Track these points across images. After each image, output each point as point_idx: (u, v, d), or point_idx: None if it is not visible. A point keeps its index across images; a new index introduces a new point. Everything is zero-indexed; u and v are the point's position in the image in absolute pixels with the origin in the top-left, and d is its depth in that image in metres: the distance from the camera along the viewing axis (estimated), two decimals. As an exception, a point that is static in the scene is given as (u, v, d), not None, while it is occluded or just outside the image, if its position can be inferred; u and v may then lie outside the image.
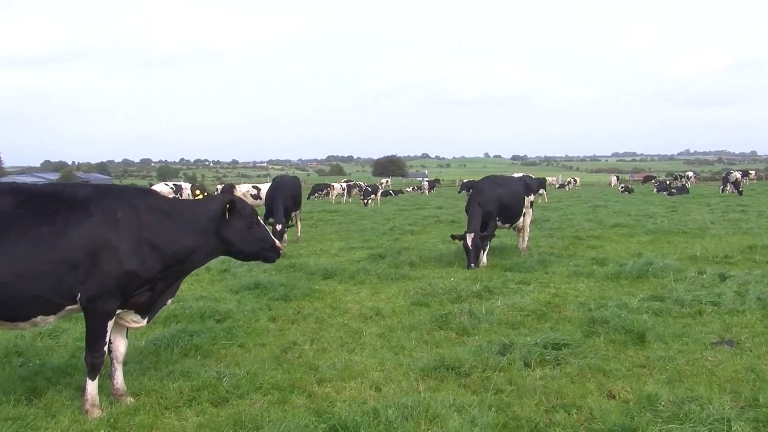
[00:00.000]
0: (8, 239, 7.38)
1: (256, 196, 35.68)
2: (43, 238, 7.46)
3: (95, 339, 7.79)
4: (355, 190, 67.15)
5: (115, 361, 8.27)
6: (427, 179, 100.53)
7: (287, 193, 23.89)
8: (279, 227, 22.18)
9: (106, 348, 7.90)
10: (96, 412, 7.68)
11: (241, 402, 7.88)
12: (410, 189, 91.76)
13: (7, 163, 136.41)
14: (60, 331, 10.97)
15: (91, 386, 7.83)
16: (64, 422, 7.46)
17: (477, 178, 26.66)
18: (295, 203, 24.70)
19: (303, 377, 8.73)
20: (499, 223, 18.61)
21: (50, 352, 10.18)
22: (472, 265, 17.09)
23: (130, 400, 8.10)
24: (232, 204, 8.31)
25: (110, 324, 7.84)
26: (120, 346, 8.29)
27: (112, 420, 7.48)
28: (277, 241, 8.74)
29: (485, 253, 17.93)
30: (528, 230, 20.25)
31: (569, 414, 7.41)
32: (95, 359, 7.80)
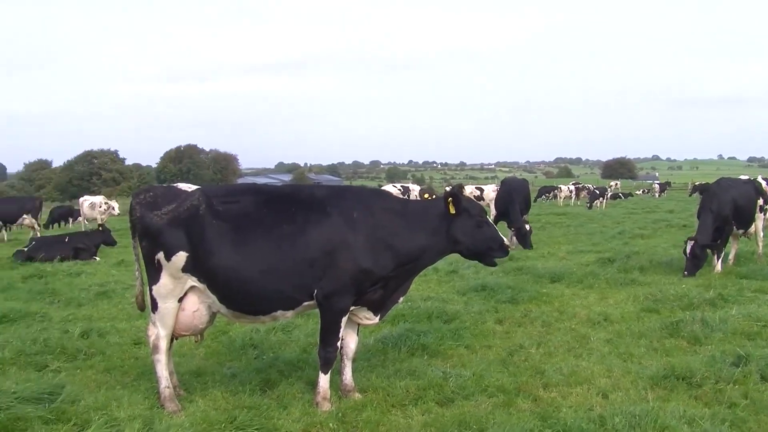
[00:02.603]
0: (253, 238, 7.86)
1: (479, 198, 35.80)
2: (285, 237, 7.88)
3: (329, 334, 8.07)
4: (584, 193, 66.01)
5: (345, 357, 8.52)
6: (657, 182, 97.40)
7: (521, 196, 23.90)
8: (528, 227, 22.48)
9: (339, 343, 8.17)
10: (326, 406, 7.94)
11: (467, 403, 7.92)
12: (640, 192, 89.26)
13: (244, 165, 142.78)
14: (293, 326, 11.38)
15: (324, 380, 8.09)
16: (295, 413, 7.75)
17: (710, 181, 25.62)
18: (526, 206, 24.63)
19: (529, 381, 8.67)
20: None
21: (283, 346, 10.59)
22: (685, 273, 16.36)
23: (357, 396, 8.32)
24: (455, 198, 8.36)
25: (344, 320, 8.11)
26: (351, 342, 8.53)
27: (340, 414, 7.70)
28: (506, 241, 8.71)
29: (719, 259, 17.13)
30: (761, 235, 19.19)
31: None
32: (328, 354, 8.08)
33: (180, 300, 8.12)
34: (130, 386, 8.87)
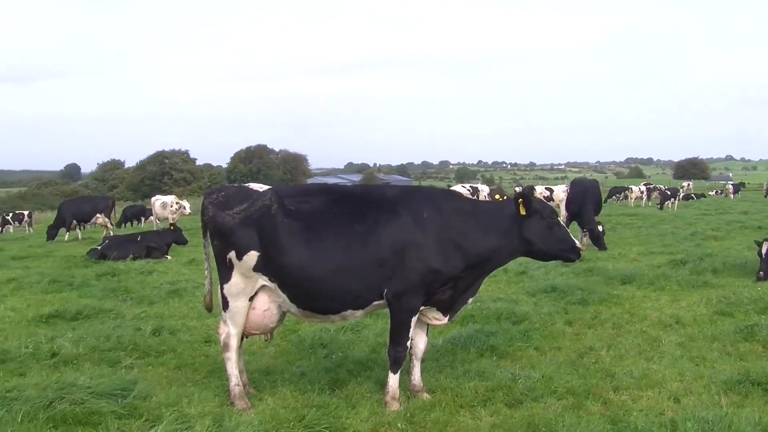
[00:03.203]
0: (323, 237, 7.93)
1: (549, 198, 35.61)
2: (356, 236, 7.94)
3: (399, 334, 8.09)
4: (655, 194, 65.06)
5: (414, 357, 8.53)
6: (731, 182, 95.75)
7: (593, 196, 23.71)
8: (601, 229, 22.27)
9: (408, 343, 8.18)
10: (395, 405, 7.95)
11: (536, 405, 7.87)
12: (713, 192, 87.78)
13: (313, 165, 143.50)
14: (362, 326, 11.41)
15: (393, 379, 8.12)
16: (363, 413, 7.78)
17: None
18: (597, 206, 24.40)
19: (599, 383, 8.58)
20: None
21: (352, 345, 10.63)
22: (761, 273, 15.98)
23: (426, 396, 8.32)
24: (526, 199, 8.31)
25: (414, 320, 8.12)
26: (420, 342, 8.53)
27: (408, 414, 7.70)
28: (577, 242, 8.64)
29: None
30: None
31: None
32: (398, 353, 8.10)
33: (251, 299, 8.21)
34: (201, 383, 9.00)
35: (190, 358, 10.31)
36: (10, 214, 54.39)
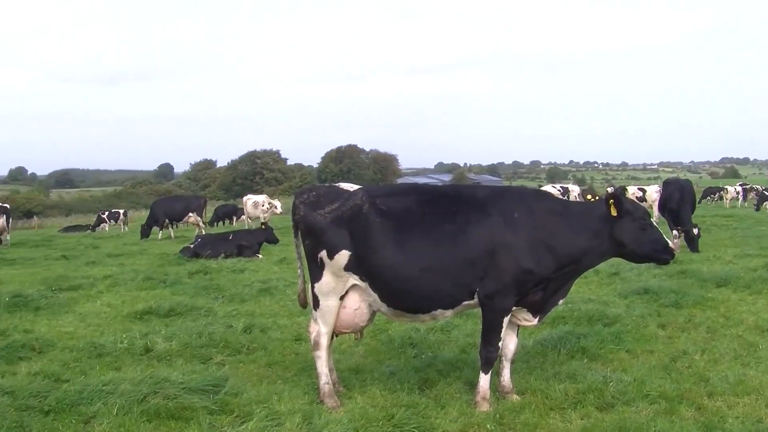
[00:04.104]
0: (414, 236, 7.97)
1: (641, 199, 35.06)
2: (446, 236, 7.95)
3: (491, 334, 8.08)
4: (752, 194, 63.54)
5: (504, 358, 8.49)
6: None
7: (690, 197, 23.32)
8: (696, 231, 21.87)
9: (500, 344, 8.15)
10: (485, 406, 7.93)
11: (627, 409, 7.75)
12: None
13: (404, 165, 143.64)
14: (452, 326, 11.37)
15: (484, 380, 8.10)
16: (452, 413, 7.77)
17: None
18: (693, 208, 23.96)
19: (692, 388, 8.41)
20: None
21: (442, 345, 10.61)
22: None
23: (516, 397, 8.28)
24: (617, 200, 8.20)
25: (506, 320, 8.10)
26: (510, 344, 8.49)
27: (498, 416, 7.68)
28: (671, 243, 8.50)
29: None
30: None
31: None
32: (490, 354, 8.09)
33: (341, 298, 8.27)
34: (291, 381, 9.08)
35: (281, 355, 10.42)
36: (106, 213, 55.81)
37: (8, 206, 36.59)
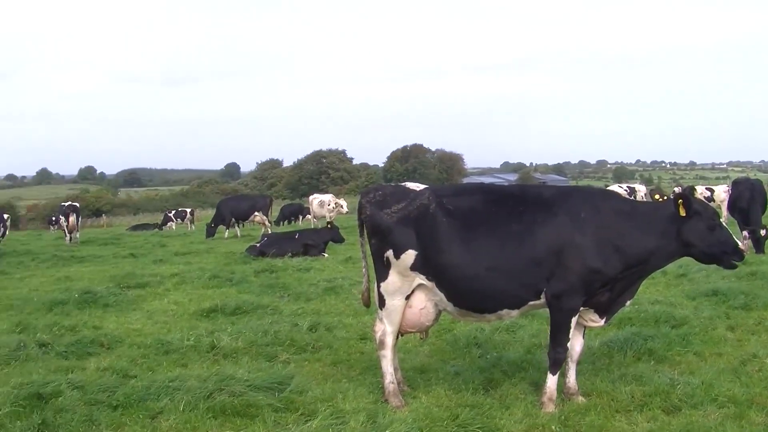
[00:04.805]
0: (481, 235, 7.98)
1: (710, 199, 34.53)
2: (513, 236, 7.96)
3: (559, 334, 8.06)
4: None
5: (569, 359, 8.43)
6: None
7: (762, 197, 22.90)
8: (764, 233, 21.49)
9: (569, 344, 8.12)
10: (551, 407, 7.90)
11: (695, 412, 7.65)
12: None
13: (469, 165, 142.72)
14: (517, 326, 11.32)
15: (552, 381, 8.08)
16: (517, 414, 7.74)
17: None
18: (764, 208, 23.51)
19: (762, 392, 8.25)
20: None
21: (507, 346, 10.58)
22: None
23: (581, 399, 8.23)
24: (685, 200, 8.10)
25: (574, 321, 8.07)
26: (576, 345, 8.43)
27: (563, 417, 7.63)
28: (740, 245, 8.36)
29: None
30: None
31: None
32: (558, 354, 8.06)
33: (407, 297, 8.29)
34: (356, 380, 9.13)
35: (346, 354, 10.48)
36: (173, 212, 56.52)
37: (78, 205, 37.37)
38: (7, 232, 34.11)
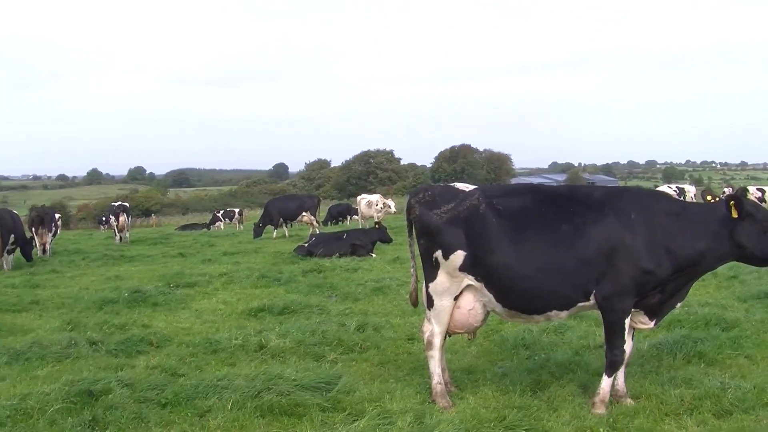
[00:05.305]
0: (531, 236, 7.97)
1: (761, 200, 34.17)
2: (563, 236, 7.92)
3: (614, 336, 8.00)
4: None
5: (618, 361, 8.36)
6: None
7: None
8: None
9: (625, 346, 8.05)
10: (602, 409, 7.86)
11: (746, 417, 7.57)
12: None
13: (517, 165, 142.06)
14: (565, 328, 11.27)
15: (606, 383, 8.03)
16: (565, 416, 7.71)
17: None
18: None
19: (815, 397, 8.13)
20: None
21: (555, 347, 10.52)
22: None
23: (630, 402, 8.17)
24: (738, 201, 7.99)
25: (627, 321, 8.01)
26: (625, 347, 8.35)
27: (611, 420, 7.58)
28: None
29: None
30: None
31: None
32: (615, 356, 8.01)
33: (456, 298, 8.29)
34: (403, 380, 9.13)
35: (393, 354, 10.49)
36: (221, 212, 56.99)
37: (128, 205, 37.85)
38: (58, 232, 34.60)
